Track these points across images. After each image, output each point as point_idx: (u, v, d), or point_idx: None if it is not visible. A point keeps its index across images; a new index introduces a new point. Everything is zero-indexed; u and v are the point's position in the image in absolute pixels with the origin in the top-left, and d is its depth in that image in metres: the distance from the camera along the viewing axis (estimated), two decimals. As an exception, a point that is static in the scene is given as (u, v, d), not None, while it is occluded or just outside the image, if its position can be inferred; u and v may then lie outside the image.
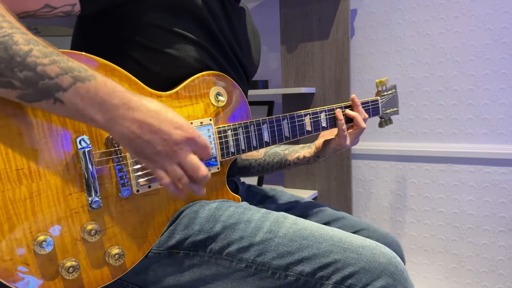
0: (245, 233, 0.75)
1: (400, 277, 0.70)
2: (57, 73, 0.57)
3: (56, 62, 0.58)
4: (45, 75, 0.57)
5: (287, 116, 0.97)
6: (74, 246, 0.66)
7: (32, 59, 0.56)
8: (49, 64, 0.57)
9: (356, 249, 0.71)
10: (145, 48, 0.80)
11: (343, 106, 1.05)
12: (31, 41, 0.57)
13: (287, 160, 1.13)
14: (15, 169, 0.60)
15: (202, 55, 0.85)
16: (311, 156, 1.12)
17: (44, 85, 0.57)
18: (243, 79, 0.99)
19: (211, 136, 0.84)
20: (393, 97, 1.23)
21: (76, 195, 0.66)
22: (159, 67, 0.81)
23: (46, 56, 0.57)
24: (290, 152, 1.13)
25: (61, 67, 0.58)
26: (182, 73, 0.83)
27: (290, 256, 0.72)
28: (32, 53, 0.56)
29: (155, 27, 0.79)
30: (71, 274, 0.65)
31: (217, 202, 0.82)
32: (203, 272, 0.77)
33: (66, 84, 0.58)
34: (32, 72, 0.56)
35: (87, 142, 0.66)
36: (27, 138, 0.61)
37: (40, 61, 0.56)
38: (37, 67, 0.56)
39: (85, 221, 0.67)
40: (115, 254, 0.70)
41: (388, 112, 1.22)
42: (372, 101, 1.15)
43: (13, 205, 0.60)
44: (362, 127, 1.05)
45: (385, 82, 1.19)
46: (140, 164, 0.73)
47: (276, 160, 1.14)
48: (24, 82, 0.56)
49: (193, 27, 0.83)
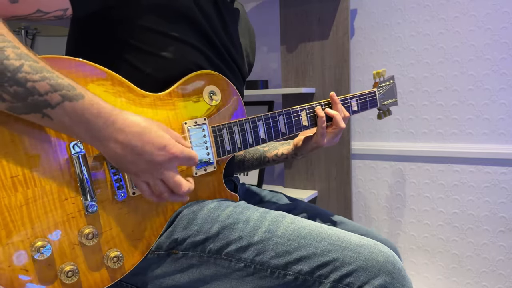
0: (243, 233, 0.75)
1: (398, 275, 0.70)
2: (47, 90, 0.58)
3: (46, 78, 0.58)
4: (34, 92, 0.58)
5: (283, 112, 0.96)
6: (72, 251, 0.66)
7: (22, 75, 0.57)
8: (39, 81, 0.58)
9: (354, 248, 0.72)
10: (138, 51, 0.81)
11: (323, 103, 1.02)
12: (23, 56, 0.57)
13: (266, 157, 1.13)
14: (10, 177, 0.61)
15: (196, 57, 0.85)
16: (289, 153, 1.10)
17: (33, 100, 0.58)
18: (238, 78, 0.99)
19: (206, 135, 0.84)
20: (391, 88, 1.21)
21: (72, 199, 0.66)
22: (152, 69, 0.82)
23: (36, 72, 0.58)
24: (269, 149, 1.13)
25: (51, 84, 0.59)
26: (176, 74, 0.83)
27: (289, 255, 0.73)
28: (23, 68, 0.57)
29: (147, 29, 0.80)
30: (70, 279, 0.65)
31: (216, 202, 0.83)
32: (202, 272, 0.77)
33: (54, 102, 0.59)
34: (22, 88, 0.57)
35: (80, 147, 0.67)
36: (21, 145, 0.62)
37: (31, 77, 0.57)
38: (27, 83, 0.57)
39: (82, 225, 0.68)
40: (114, 257, 0.71)
41: (387, 103, 1.20)
42: (369, 93, 1.13)
43: (10, 212, 0.60)
44: (341, 126, 1.01)
45: (382, 73, 1.18)
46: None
47: (255, 157, 1.14)
48: (14, 96, 0.57)
49: (186, 29, 0.84)
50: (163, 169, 0.68)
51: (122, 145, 0.64)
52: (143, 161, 0.66)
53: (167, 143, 0.67)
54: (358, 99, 1.10)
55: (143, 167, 0.67)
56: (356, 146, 1.99)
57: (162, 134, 0.68)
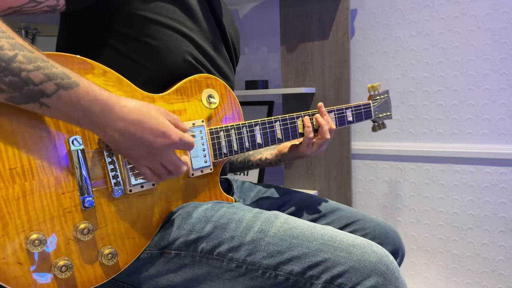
0: (235, 233, 0.75)
1: (391, 276, 0.69)
2: (41, 79, 0.58)
3: (40, 68, 0.59)
4: (29, 81, 0.58)
5: (279, 118, 0.97)
6: (67, 245, 0.67)
7: (16, 65, 0.57)
8: (33, 70, 0.58)
9: (346, 248, 0.71)
10: (131, 40, 0.81)
11: (310, 113, 1.01)
12: (17, 46, 0.58)
13: (250, 160, 1.13)
14: (8, 168, 0.61)
15: (188, 46, 0.86)
16: (272, 158, 1.10)
17: (29, 90, 0.58)
18: (229, 65, 1.00)
19: (204, 137, 0.85)
20: (385, 102, 1.24)
21: (69, 194, 0.67)
22: (146, 59, 0.82)
23: (30, 62, 0.58)
24: (254, 153, 1.13)
25: (45, 74, 0.59)
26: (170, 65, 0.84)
27: (280, 256, 0.72)
28: (17, 58, 0.57)
29: (139, 17, 0.80)
30: (64, 273, 0.65)
31: (210, 203, 0.83)
32: (195, 272, 0.77)
33: (49, 91, 0.59)
34: (17, 78, 0.57)
35: (79, 142, 0.67)
36: (20, 137, 0.62)
37: (25, 67, 0.57)
38: (22, 73, 0.57)
39: (78, 220, 0.68)
40: (108, 253, 0.71)
41: (381, 116, 1.23)
42: (364, 104, 1.16)
43: (6, 203, 0.61)
44: (326, 138, 0.99)
45: (377, 87, 1.21)
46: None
47: (239, 160, 1.14)
48: (10, 86, 0.57)
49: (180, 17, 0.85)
50: (162, 155, 0.70)
51: (121, 133, 0.66)
52: (142, 147, 0.68)
53: (166, 129, 0.69)
54: (354, 110, 1.12)
55: (142, 153, 0.69)
56: (356, 146, 1.99)
57: (162, 120, 0.69)
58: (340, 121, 1.08)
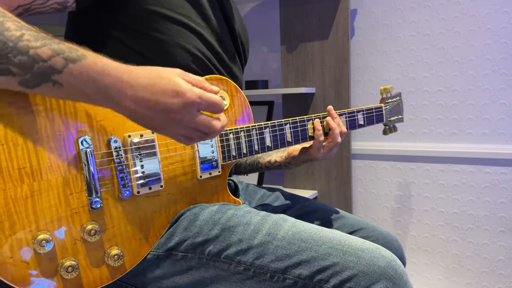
0: (243, 236, 0.75)
1: (399, 280, 0.69)
2: (49, 55, 0.57)
3: (47, 44, 0.57)
4: (38, 58, 0.56)
5: (290, 121, 0.96)
6: (73, 246, 0.66)
7: (24, 43, 0.56)
8: (40, 47, 0.56)
9: (355, 252, 0.70)
10: (139, 34, 0.80)
11: (321, 116, 1.01)
12: (23, 27, 0.57)
13: (259, 162, 1.12)
14: (17, 168, 0.60)
15: (196, 42, 0.85)
16: (282, 161, 1.09)
17: (39, 68, 0.56)
18: (236, 62, 0.99)
19: (213, 139, 0.85)
20: (398, 105, 1.22)
21: (77, 195, 0.66)
22: (154, 54, 0.81)
23: (37, 39, 0.57)
24: (262, 155, 1.12)
25: (52, 49, 0.57)
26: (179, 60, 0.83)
27: (289, 259, 0.72)
28: (24, 37, 0.56)
29: (149, 12, 0.79)
30: (70, 274, 0.65)
31: (217, 205, 0.82)
32: (201, 274, 0.77)
33: (59, 66, 0.57)
34: (26, 56, 0.56)
35: (89, 143, 0.66)
36: (30, 137, 0.61)
37: (32, 45, 0.56)
38: (30, 50, 0.56)
39: (85, 221, 0.67)
40: (114, 255, 0.70)
41: (393, 119, 1.21)
42: (376, 108, 1.14)
43: (14, 203, 0.60)
44: (337, 141, 0.99)
45: (389, 90, 1.19)
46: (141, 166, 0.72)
47: (248, 162, 1.13)
48: (20, 67, 0.56)
49: (189, 12, 0.84)
50: (186, 117, 0.62)
51: (135, 101, 0.60)
52: (160, 114, 0.61)
53: (179, 88, 0.61)
54: (365, 113, 1.11)
55: (163, 120, 0.62)
56: (356, 146, 1.99)
57: (173, 79, 0.61)
58: (351, 124, 1.08)
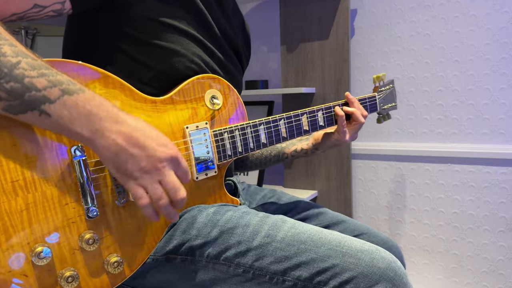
0: (242, 238, 0.75)
1: (399, 282, 0.69)
2: (45, 86, 0.57)
3: (44, 75, 0.58)
4: (32, 87, 0.56)
5: (284, 116, 0.96)
6: (72, 256, 0.66)
7: (20, 71, 0.56)
8: (37, 77, 0.57)
9: (355, 254, 0.70)
10: (138, 42, 0.80)
11: (340, 104, 1.05)
12: (20, 53, 0.57)
13: (284, 153, 1.13)
14: (10, 181, 0.60)
15: (196, 49, 0.85)
16: (309, 148, 1.12)
17: (31, 97, 0.57)
18: (237, 66, 0.99)
19: (207, 139, 0.84)
20: (391, 92, 1.21)
21: (72, 204, 0.66)
22: (152, 61, 0.81)
23: (34, 68, 0.57)
24: (287, 145, 1.14)
25: (50, 80, 0.58)
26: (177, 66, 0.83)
27: (288, 261, 0.72)
28: (20, 65, 0.56)
29: (149, 19, 0.79)
30: (70, 284, 0.65)
31: (215, 207, 0.82)
32: (201, 277, 0.77)
33: (54, 97, 0.58)
34: (19, 84, 0.56)
35: (81, 152, 0.66)
36: (22, 149, 0.62)
37: (28, 74, 0.56)
38: (25, 79, 0.56)
39: (83, 230, 0.67)
40: (114, 262, 0.70)
41: (386, 107, 1.21)
42: (369, 97, 1.15)
43: (10, 217, 0.60)
44: (361, 122, 1.05)
45: (382, 78, 1.18)
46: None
47: (273, 154, 1.14)
48: (11, 93, 0.56)
49: (187, 19, 0.84)
50: (164, 168, 0.65)
51: (125, 136, 0.62)
52: (144, 156, 0.63)
53: (168, 142, 0.66)
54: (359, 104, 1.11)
55: (143, 165, 0.63)
56: (356, 146, 1.99)
57: (164, 136, 0.67)
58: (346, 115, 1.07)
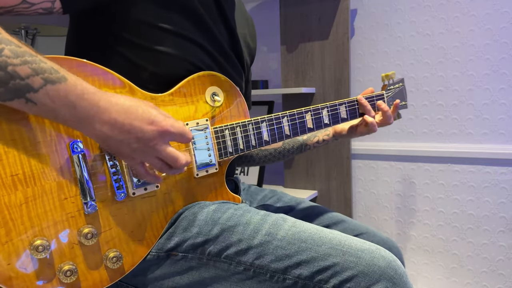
0: (243, 236, 0.75)
1: (399, 281, 0.69)
2: (28, 74, 0.57)
3: (27, 62, 0.57)
4: (15, 75, 0.57)
5: (287, 114, 0.95)
6: (71, 250, 0.66)
7: (2, 59, 0.56)
8: (20, 65, 0.57)
9: (355, 253, 0.71)
10: (136, 47, 0.80)
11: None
12: (3, 41, 0.57)
13: (307, 145, 1.17)
14: (10, 175, 0.61)
15: (196, 51, 0.85)
16: (329, 139, 1.16)
17: (15, 85, 0.57)
18: (238, 71, 0.99)
19: (208, 136, 0.84)
20: (400, 91, 1.17)
21: (71, 199, 0.66)
22: (153, 65, 0.81)
23: (17, 56, 0.57)
24: (309, 137, 1.17)
25: (33, 68, 0.58)
26: (179, 71, 0.83)
27: (288, 259, 0.72)
28: (3, 52, 0.56)
29: (147, 24, 0.79)
30: (69, 278, 0.65)
31: (216, 204, 0.82)
32: (201, 274, 0.77)
33: (37, 86, 0.58)
34: (2, 72, 0.56)
35: (80, 146, 0.67)
36: (21, 143, 0.62)
37: (11, 61, 0.56)
38: (8, 67, 0.56)
39: (82, 224, 0.68)
40: (113, 257, 0.70)
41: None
42: (377, 95, 1.11)
43: (9, 210, 0.60)
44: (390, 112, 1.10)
45: (391, 76, 1.15)
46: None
47: (296, 147, 1.17)
48: None
49: (187, 23, 0.83)
50: (156, 145, 0.66)
51: (109, 125, 0.63)
52: (134, 139, 0.64)
53: (155, 117, 0.65)
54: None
55: (135, 146, 0.65)
56: (356, 146, 1.99)
57: (150, 110, 0.66)
58: (351, 114, 1.06)
